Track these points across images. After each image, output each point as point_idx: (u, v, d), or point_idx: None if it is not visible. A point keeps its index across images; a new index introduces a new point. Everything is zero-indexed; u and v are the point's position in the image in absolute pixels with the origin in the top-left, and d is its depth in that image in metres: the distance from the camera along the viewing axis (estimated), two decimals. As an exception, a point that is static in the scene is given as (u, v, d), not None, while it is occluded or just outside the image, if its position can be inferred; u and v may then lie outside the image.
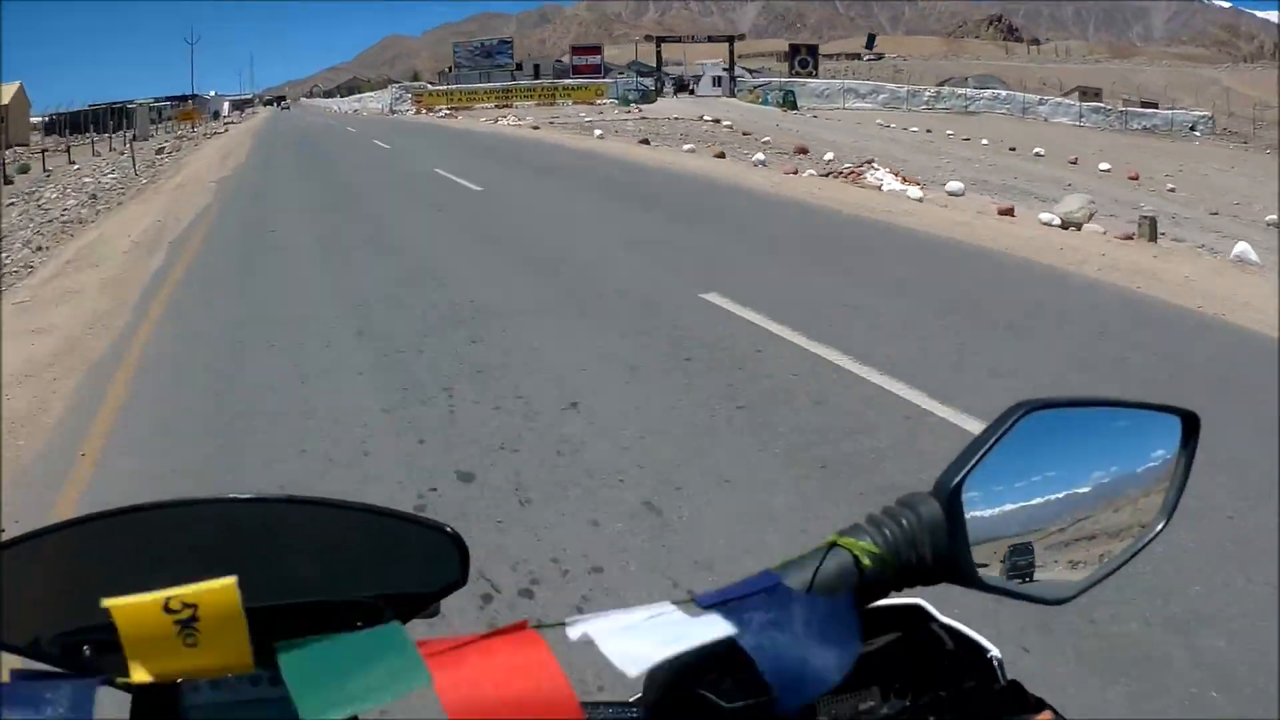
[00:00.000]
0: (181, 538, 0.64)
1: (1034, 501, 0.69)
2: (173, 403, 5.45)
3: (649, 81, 66.84)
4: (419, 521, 0.65)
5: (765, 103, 65.69)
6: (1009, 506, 0.68)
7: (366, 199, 14.65)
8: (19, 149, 49.76)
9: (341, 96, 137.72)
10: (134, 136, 54.20)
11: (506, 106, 63.96)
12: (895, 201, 14.11)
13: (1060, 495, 0.69)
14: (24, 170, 33.74)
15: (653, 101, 61.80)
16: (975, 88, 79.91)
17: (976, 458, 0.65)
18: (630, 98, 61.75)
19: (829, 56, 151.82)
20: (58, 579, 0.64)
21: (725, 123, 39.92)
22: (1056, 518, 0.69)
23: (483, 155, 22.51)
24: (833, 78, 79.15)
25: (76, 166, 32.77)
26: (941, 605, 0.71)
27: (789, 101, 64.84)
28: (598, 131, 30.94)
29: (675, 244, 9.82)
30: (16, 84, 64.47)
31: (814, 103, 67.76)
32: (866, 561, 0.63)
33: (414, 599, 0.65)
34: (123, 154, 37.85)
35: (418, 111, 63.53)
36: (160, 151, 32.72)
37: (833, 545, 0.65)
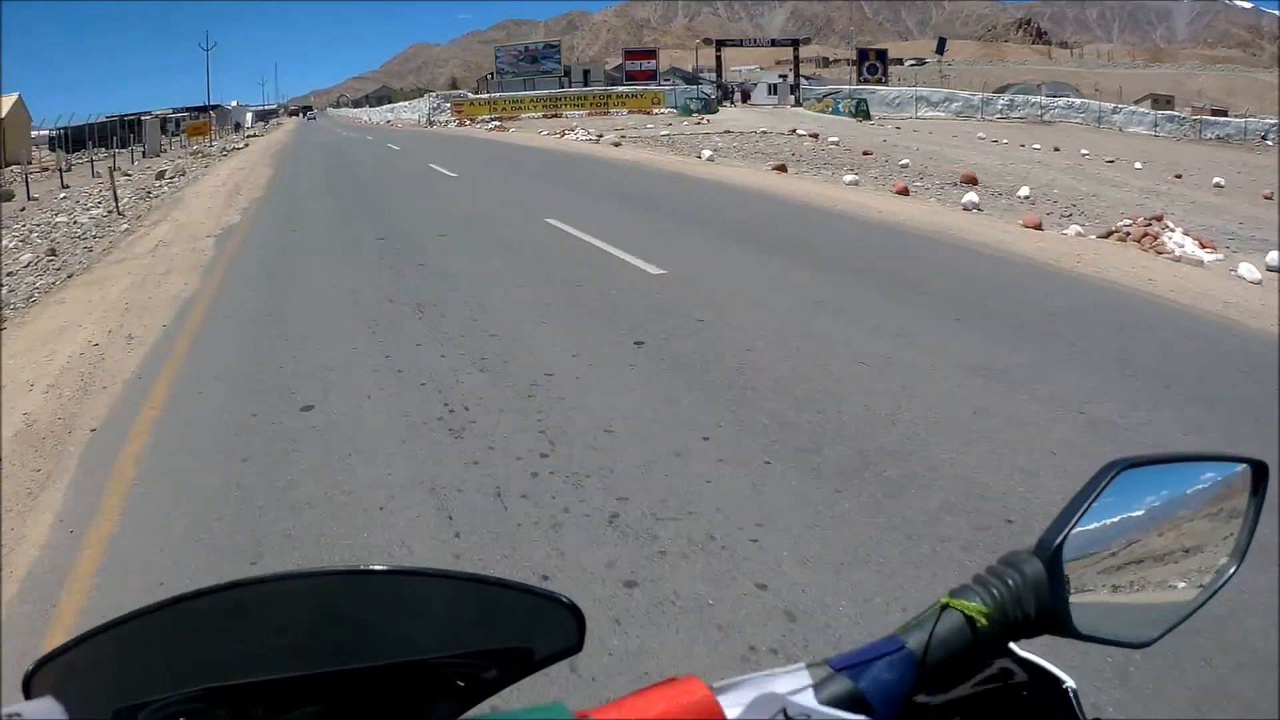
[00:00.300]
0: (286, 611, 0.64)
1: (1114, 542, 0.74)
2: None
3: (708, 89, 60.29)
4: (535, 592, 0.66)
5: (836, 112, 59.25)
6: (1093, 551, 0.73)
7: (465, 292, 8.24)
8: (15, 168, 43.90)
9: (371, 106, 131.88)
10: (143, 153, 48.46)
11: (555, 116, 57.89)
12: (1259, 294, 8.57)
13: (1139, 539, 0.74)
14: (6, 198, 27.80)
15: (715, 111, 55.46)
16: (1049, 95, 73.70)
17: (1076, 517, 0.70)
18: (692, 107, 55.44)
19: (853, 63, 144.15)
20: (158, 657, 0.64)
21: (831, 138, 33.44)
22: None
23: (592, 191, 16.23)
24: (901, 84, 72.55)
25: (64, 194, 26.67)
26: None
27: (862, 111, 58.49)
28: (706, 152, 24.58)
29: None
30: (14, 96, 57.49)
31: (884, 111, 61.59)
32: (983, 623, 0.68)
33: (524, 662, 0.66)
34: (127, 174, 32.10)
35: (460, 123, 57.28)
36: (161, 176, 26.48)
37: (945, 607, 0.70)
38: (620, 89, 61.34)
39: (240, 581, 0.61)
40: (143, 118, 60.85)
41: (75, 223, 17.53)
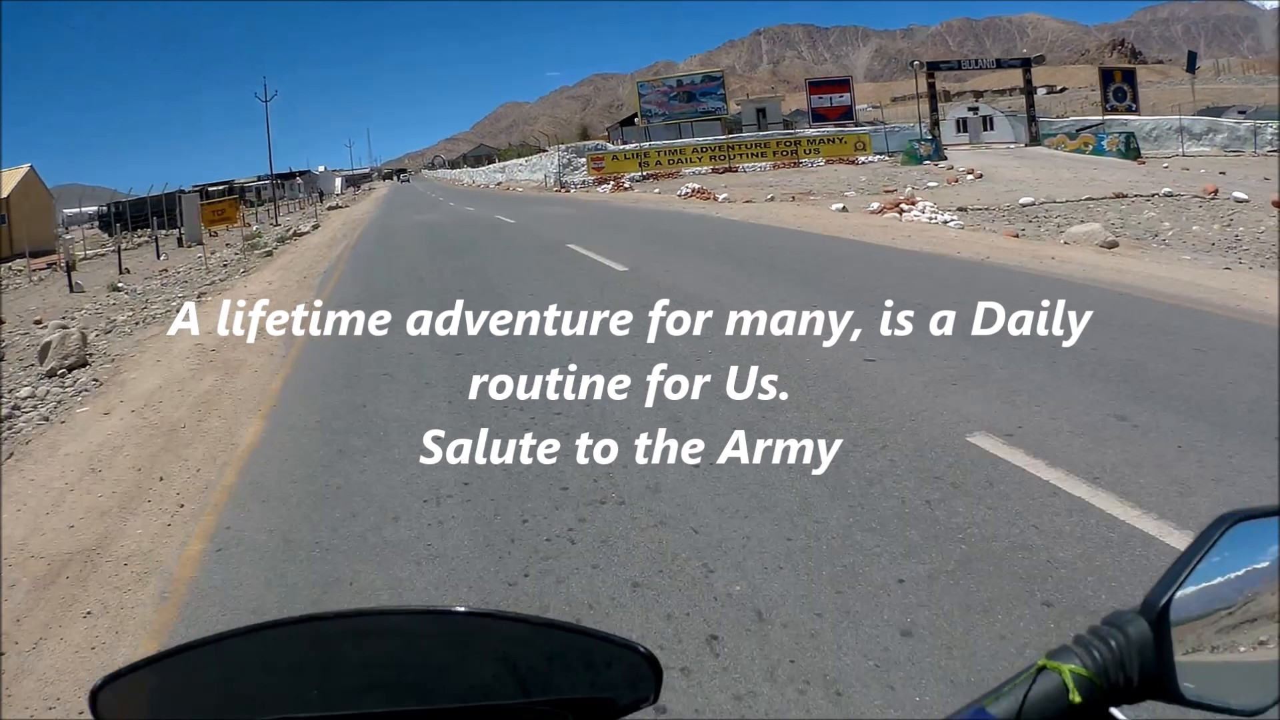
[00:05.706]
0: (366, 647, 0.63)
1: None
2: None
3: (925, 128, 44.26)
4: (613, 640, 0.63)
5: (1099, 150, 42.70)
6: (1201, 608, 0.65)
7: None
8: (19, 262, 30.17)
9: (470, 166, 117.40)
10: (178, 239, 33.93)
11: (729, 170, 42.26)
12: None
13: (1252, 597, 0.65)
14: None
15: (944, 156, 39.54)
16: (1303, 118, 55.96)
17: (1184, 574, 0.63)
18: (921, 153, 39.46)
19: (979, 94, 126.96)
20: (231, 684, 0.62)
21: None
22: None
23: None
24: (1155, 113, 55.72)
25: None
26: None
27: (1133, 149, 41.80)
28: None
29: None
30: (24, 168, 43.52)
31: (1143, 147, 44.75)
32: (1074, 692, 0.61)
33: (599, 711, 0.63)
34: (119, 285, 17.94)
35: (613, 186, 41.56)
36: (45, 354, 9.27)
37: (1041, 669, 0.62)
38: (811, 132, 45.27)
39: (320, 615, 0.60)
40: (183, 193, 46.65)
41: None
